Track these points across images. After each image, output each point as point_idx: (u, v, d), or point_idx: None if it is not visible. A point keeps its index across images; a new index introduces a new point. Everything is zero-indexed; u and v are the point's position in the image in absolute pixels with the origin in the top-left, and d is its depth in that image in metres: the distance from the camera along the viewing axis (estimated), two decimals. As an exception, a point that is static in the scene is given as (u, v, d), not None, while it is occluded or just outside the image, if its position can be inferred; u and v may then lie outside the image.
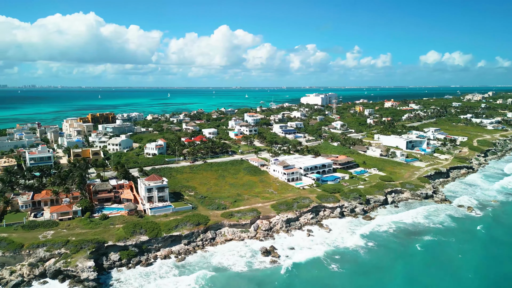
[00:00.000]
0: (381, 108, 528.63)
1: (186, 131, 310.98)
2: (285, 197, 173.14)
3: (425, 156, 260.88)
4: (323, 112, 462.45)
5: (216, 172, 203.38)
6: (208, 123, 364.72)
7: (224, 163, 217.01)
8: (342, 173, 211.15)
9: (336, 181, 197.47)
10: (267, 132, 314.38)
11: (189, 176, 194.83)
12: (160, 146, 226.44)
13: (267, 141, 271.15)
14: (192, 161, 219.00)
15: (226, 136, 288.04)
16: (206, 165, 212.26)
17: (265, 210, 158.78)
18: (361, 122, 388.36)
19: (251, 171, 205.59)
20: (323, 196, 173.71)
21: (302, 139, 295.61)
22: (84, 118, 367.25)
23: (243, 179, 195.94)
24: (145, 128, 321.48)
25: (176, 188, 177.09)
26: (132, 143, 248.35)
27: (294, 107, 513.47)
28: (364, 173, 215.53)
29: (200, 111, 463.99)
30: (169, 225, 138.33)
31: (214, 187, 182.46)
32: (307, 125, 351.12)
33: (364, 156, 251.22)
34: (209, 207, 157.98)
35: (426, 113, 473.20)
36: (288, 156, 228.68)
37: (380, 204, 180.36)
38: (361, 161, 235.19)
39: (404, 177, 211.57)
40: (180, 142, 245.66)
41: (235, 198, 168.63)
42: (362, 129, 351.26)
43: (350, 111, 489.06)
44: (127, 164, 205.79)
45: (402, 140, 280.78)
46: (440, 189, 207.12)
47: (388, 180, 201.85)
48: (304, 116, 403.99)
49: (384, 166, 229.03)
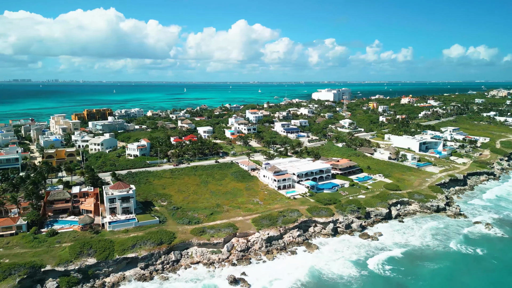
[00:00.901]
0: (397, 104, 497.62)
1: (181, 129, 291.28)
2: (271, 209, 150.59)
3: (440, 160, 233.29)
4: (334, 108, 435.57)
5: (199, 177, 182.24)
6: (208, 120, 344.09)
7: (211, 167, 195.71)
8: (341, 180, 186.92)
9: (334, 190, 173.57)
10: (268, 130, 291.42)
11: (167, 181, 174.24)
12: (142, 147, 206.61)
13: (264, 141, 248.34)
14: (176, 163, 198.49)
15: (222, 135, 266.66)
16: (190, 169, 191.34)
17: (244, 226, 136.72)
18: (373, 120, 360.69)
19: (239, 177, 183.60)
20: (315, 208, 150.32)
21: (304, 139, 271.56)
22: (80, 114, 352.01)
23: (227, 186, 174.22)
24: (139, 126, 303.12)
25: (148, 197, 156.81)
26: (117, 143, 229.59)
27: (303, 103, 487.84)
28: (368, 179, 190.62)
29: (203, 107, 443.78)
30: (125, 244, 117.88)
31: (192, 196, 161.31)
32: (312, 123, 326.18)
33: (370, 159, 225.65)
34: (179, 221, 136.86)
35: (445, 110, 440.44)
36: (282, 159, 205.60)
37: (382, 218, 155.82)
38: (365, 165, 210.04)
39: (413, 186, 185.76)
40: (166, 142, 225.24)
41: (212, 210, 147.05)
42: (373, 128, 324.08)
43: (363, 107, 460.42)
44: (103, 167, 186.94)
45: (414, 141, 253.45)
46: (455, 199, 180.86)
47: (394, 189, 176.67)
48: (312, 113, 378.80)
49: (392, 172, 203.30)
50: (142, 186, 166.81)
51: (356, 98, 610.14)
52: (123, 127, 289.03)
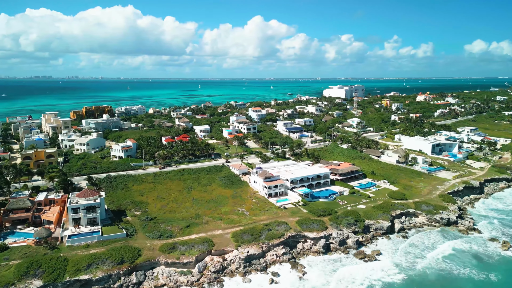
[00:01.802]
0: (412, 102, 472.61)
1: (178, 128, 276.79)
2: (256, 221, 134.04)
3: (455, 164, 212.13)
4: (344, 106, 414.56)
5: (184, 182, 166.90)
6: (210, 118, 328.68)
7: (199, 170, 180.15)
8: (341, 187, 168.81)
9: (331, 198, 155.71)
10: (269, 130, 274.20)
11: (148, 187, 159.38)
12: (128, 148, 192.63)
13: (262, 142, 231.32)
14: (162, 166, 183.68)
15: (219, 135, 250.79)
16: (176, 172, 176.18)
17: (222, 241, 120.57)
18: (384, 118, 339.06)
19: (227, 182, 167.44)
20: (306, 220, 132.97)
21: (307, 139, 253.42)
22: (78, 111, 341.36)
23: (213, 192, 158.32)
24: (135, 124, 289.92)
25: (122, 205, 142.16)
26: (105, 143, 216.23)
27: (313, 100, 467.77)
28: (371, 186, 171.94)
29: (207, 104, 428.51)
30: (80, 263, 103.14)
31: (171, 204, 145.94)
32: (319, 122, 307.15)
33: (376, 162, 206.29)
34: (149, 235, 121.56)
35: (463, 108, 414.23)
36: (278, 162, 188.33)
37: (383, 232, 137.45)
38: (370, 169, 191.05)
39: (422, 194, 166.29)
40: (155, 143, 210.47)
41: (189, 222, 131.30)
42: (383, 128, 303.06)
43: (375, 105, 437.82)
44: (82, 170, 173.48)
45: (427, 143, 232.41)
46: (469, 210, 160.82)
47: (399, 198, 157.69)
48: (320, 111, 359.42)
49: (398, 178, 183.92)
50: (119, 193, 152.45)
51: (370, 95, 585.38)
52: (118, 126, 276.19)
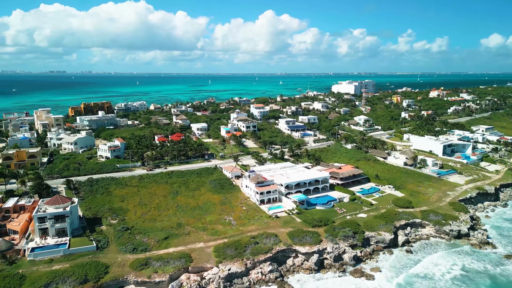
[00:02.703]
0: (425, 98, 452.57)
1: (176, 125, 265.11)
2: (243, 232, 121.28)
3: (468, 166, 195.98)
4: (352, 102, 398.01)
5: (171, 186, 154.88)
6: (211, 115, 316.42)
7: (189, 172, 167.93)
8: (341, 192, 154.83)
9: (329, 205, 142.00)
10: (271, 128, 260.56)
11: (130, 191, 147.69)
12: (115, 148, 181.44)
13: (261, 142, 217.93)
14: (150, 168, 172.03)
15: (216, 133, 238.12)
16: (164, 175, 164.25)
17: (202, 256, 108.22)
18: (394, 116, 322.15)
19: (217, 186, 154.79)
20: (298, 232, 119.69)
21: (310, 138, 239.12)
22: (76, 108, 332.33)
23: (200, 198, 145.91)
24: (131, 121, 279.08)
25: (99, 212, 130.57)
26: (94, 142, 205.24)
27: (320, 96, 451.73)
28: (374, 192, 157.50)
29: (210, 100, 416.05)
30: (37, 283, 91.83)
31: (152, 212, 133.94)
32: (323, 120, 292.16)
33: (381, 165, 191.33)
34: (122, 248, 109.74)
35: (479, 105, 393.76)
36: (274, 164, 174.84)
37: (385, 246, 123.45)
38: (374, 173, 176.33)
39: (430, 201, 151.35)
40: (145, 142, 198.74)
41: (168, 233, 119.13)
42: (392, 126, 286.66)
43: (385, 101, 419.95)
44: (63, 172, 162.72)
45: (438, 143, 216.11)
46: (482, 220, 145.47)
47: (405, 206, 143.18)
48: (326, 108, 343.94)
49: (405, 182, 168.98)
50: (98, 198, 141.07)
51: (381, 91, 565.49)
52: (114, 123, 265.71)
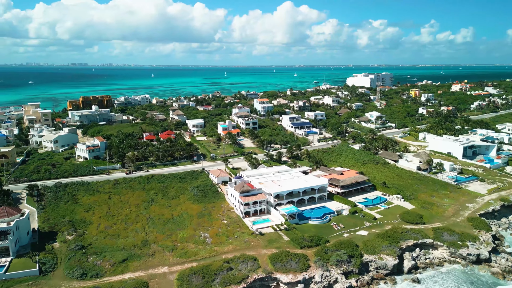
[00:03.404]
0: (446, 92, 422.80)
1: (172, 121, 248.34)
2: (218, 254, 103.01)
3: (491, 172, 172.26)
4: (367, 96, 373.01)
5: (148, 192, 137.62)
6: (213, 109, 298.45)
7: (171, 176, 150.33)
8: (340, 203, 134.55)
9: (324, 220, 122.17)
10: (273, 125, 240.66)
11: (101, 199, 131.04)
12: (94, 148, 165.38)
13: (258, 141, 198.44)
14: (130, 171, 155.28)
15: (213, 131, 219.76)
16: (144, 179, 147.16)
17: (162, 285, 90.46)
18: (410, 111, 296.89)
19: (199, 194, 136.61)
20: (282, 255, 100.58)
21: (314, 137, 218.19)
22: (74, 101, 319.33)
23: (177, 208, 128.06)
24: (126, 117, 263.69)
25: (57, 225, 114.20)
26: (78, 139, 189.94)
27: (333, 90, 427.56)
28: (380, 203, 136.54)
29: (216, 94, 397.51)
30: (-47, 320, 75.59)
31: (118, 225, 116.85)
32: (332, 116, 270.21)
33: (391, 169, 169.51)
34: (69, 273, 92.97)
35: (505, 100, 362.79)
36: (266, 169, 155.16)
37: (387, 273, 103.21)
38: (381, 179, 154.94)
39: (445, 216, 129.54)
40: (131, 141, 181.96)
41: (129, 253, 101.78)
42: (407, 123, 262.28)
43: (402, 95, 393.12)
44: (32, 175, 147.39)
45: (457, 144, 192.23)
46: (507, 239, 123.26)
47: (414, 222, 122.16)
48: (337, 103, 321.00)
49: (417, 191, 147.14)
50: (61, 207, 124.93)
51: (400, 84, 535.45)
52: (108, 118, 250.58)
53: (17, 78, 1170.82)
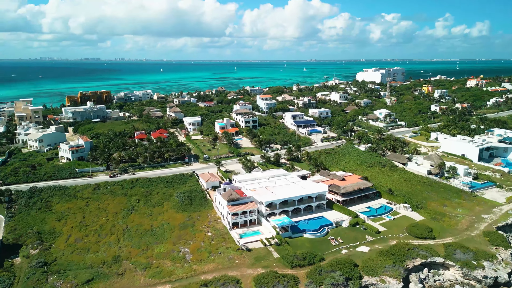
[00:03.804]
0: (460, 88, 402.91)
1: (168, 118, 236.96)
2: (197, 273, 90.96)
3: (510, 176, 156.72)
4: (376, 92, 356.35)
5: (129, 198, 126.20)
6: (214, 106, 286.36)
7: (158, 180, 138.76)
8: (340, 213, 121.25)
9: (321, 233, 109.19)
10: (275, 123, 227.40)
11: (77, 206, 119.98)
12: (78, 148, 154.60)
13: (256, 140, 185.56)
14: (113, 174, 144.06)
15: (210, 129, 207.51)
16: (127, 183, 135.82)
17: (127, 312, 78.50)
18: (422, 109, 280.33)
19: (186, 201, 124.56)
20: (268, 277, 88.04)
21: (318, 137, 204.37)
22: (73, 97, 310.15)
23: (158, 218, 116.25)
24: (122, 113, 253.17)
25: (23, 236, 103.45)
26: (65, 138, 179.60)
27: (341, 85, 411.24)
28: (384, 213, 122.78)
29: (219, 89, 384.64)
30: None
31: (91, 237, 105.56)
32: (338, 113, 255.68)
33: (399, 173, 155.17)
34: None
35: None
36: (260, 173, 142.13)
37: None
38: (387, 185, 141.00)
39: (458, 228, 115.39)
40: (118, 140, 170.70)
41: (95, 272, 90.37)
42: (418, 121, 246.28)
43: (414, 91, 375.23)
44: (10, 177, 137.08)
45: (472, 146, 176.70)
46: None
47: (423, 236, 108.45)
48: (345, 99, 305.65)
49: (427, 199, 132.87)
50: (32, 215, 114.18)
51: (412, 79, 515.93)
52: (104, 115, 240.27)
53: (28, 73, 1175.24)
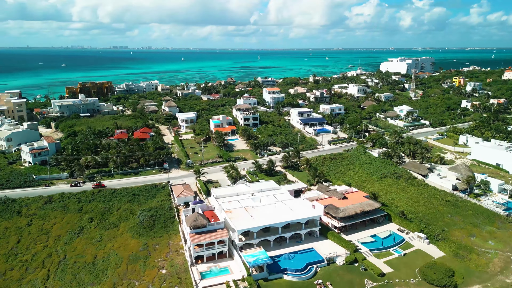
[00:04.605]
0: (497, 80, 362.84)
1: (163, 113, 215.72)
2: (129, 334, 68.26)
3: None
4: (400, 85, 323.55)
5: (83, 216, 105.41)
6: (219, 99, 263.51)
7: (124, 192, 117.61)
8: (335, 244, 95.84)
9: (307, 274, 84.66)
10: (279, 121, 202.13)
11: (15, 225, 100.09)
12: (40, 151, 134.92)
13: (251, 143, 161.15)
14: (74, 183, 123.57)
15: (203, 127, 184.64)
16: (86, 196, 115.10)
17: None
18: (451, 105, 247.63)
19: (147, 222, 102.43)
20: None
21: (326, 137, 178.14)
22: (71, 88, 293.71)
23: (108, 245, 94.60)
24: (116, 107, 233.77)
25: None
26: (38, 136, 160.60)
27: (362, 77, 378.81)
28: (393, 246, 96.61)
29: (229, 80, 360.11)
30: None
31: (16, 271, 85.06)
32: (353, 110, 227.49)
33: (418, 187, 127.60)
34: None
35: None
36: (246, 186, 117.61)
37: None
38: (401, 204, 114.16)
39: (490, 272, 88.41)
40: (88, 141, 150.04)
41: (-2, 328, 69.11)
42: (445, 120, 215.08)
43: (444, 84, 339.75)
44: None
45: (509, 154, 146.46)
46: None
47: (442, 284, 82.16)
48: (363, 93, 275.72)
49: (450, 225, 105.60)
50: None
51: (442, 70, 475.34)
52: (94, 109, 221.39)
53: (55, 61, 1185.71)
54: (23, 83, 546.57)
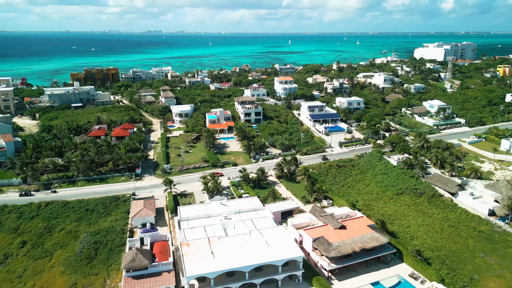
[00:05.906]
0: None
1: (159, 105, 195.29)
2: None
3: None
4: (435, 74, 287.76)
5: (16, 238, 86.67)
6: (227, 88, 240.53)
7: (77, 206, 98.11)
8: (321, 299, 71.63)
9: None
10: (287, 116, 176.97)
11: None
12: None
13: (245, 144, 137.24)
14: (25, 191, 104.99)
15: (197, 123, 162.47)
16: (30, 210, 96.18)
17: None
18: (492, 99, 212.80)
19: (89, 250, 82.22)
20: None
21: (339, 137, 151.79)
22: (76, 75, 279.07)
23: (29, 283, 74.68)
24: (113, 97, 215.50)
25: None
26: (11, 130, 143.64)
27: (392, 64, 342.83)
28: (400, 302, 71.27)
29: (244, 67, 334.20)
30: None
31: None
32: (375, 104, 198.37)
33: (443, 210, 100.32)
34: None
35: None
36: (221, 206, 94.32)
37: None
38: (419, 234, 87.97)
39: None
40: (51, 141, 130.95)
41: None
42: (485, 118, 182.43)
43: (486, 73, 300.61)
44: None
45: None
46: None
47: None
48: (390, 83, 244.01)
49: (480, 271, 78.85)
50: None
51: (485, 57, 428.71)
52: (88, 98, 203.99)
53: (88, 45, 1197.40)
54: (48, 67, 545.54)
